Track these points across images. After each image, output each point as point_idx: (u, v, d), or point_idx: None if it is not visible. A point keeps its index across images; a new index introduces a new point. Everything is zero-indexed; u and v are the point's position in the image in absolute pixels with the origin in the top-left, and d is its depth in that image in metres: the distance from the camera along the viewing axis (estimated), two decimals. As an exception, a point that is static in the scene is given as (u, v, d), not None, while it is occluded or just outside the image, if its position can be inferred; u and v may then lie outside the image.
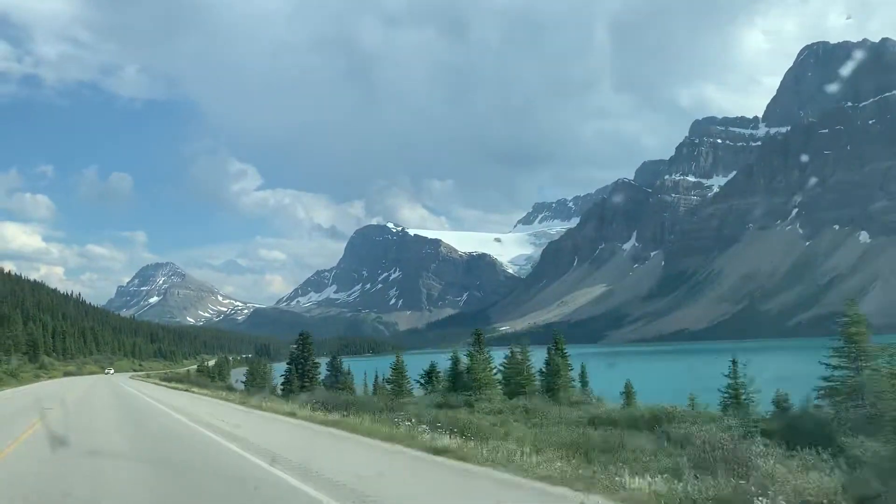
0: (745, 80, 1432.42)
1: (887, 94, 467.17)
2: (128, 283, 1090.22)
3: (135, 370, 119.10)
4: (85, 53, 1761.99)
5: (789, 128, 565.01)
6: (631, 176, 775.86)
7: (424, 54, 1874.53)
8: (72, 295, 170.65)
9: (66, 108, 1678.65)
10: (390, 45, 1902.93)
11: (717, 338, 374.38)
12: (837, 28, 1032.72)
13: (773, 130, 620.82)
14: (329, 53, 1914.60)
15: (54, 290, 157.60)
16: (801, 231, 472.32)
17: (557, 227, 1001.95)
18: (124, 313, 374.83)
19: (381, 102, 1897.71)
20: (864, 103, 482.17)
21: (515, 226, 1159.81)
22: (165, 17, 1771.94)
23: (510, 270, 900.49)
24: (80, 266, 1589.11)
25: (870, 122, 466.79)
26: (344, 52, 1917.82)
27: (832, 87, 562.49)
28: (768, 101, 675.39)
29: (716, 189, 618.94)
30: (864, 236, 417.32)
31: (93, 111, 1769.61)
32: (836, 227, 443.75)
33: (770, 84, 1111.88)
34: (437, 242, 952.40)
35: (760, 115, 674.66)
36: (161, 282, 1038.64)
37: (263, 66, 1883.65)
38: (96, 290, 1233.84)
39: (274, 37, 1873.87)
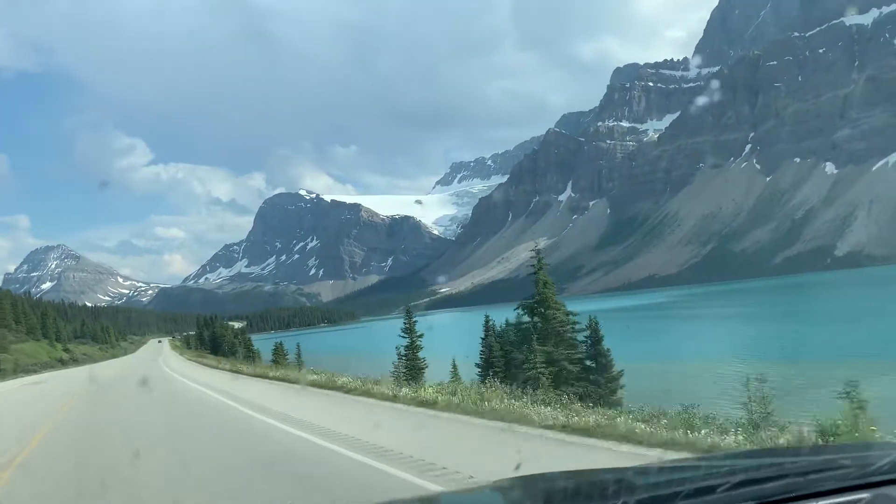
0: (646, 32, 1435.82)
1: (834, 21, 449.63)
2: (16, 269, 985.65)
3: (61, 360, 68.26)
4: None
5: (720, 66, 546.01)
6: (544, 132, 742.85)
7: (325, 12, 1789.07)
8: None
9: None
10: (287, 1, 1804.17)
11: (691, 281, 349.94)
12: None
13: (704, 71, 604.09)
14: (220, 12, 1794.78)
15: None
16: (758, 167, 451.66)
17: (479, 186, 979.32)
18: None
19: (280, 66, 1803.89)
20: (810, 32, 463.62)
21: (434, 187, 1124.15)
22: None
23: (435, 232, 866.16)
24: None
25: (820, 50, 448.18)
26: (236, 10, 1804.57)
27: (769, 20, 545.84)
28: (671, 50, 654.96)
29: (651, 133, 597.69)
30: (829, 167, 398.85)
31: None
32: (797, 160, 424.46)
33: (671, 36, 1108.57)
34: (356, 207, 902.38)
35: (689, 57, 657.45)
36: (53, 266, 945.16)
37: (146, 29, 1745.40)
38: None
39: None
